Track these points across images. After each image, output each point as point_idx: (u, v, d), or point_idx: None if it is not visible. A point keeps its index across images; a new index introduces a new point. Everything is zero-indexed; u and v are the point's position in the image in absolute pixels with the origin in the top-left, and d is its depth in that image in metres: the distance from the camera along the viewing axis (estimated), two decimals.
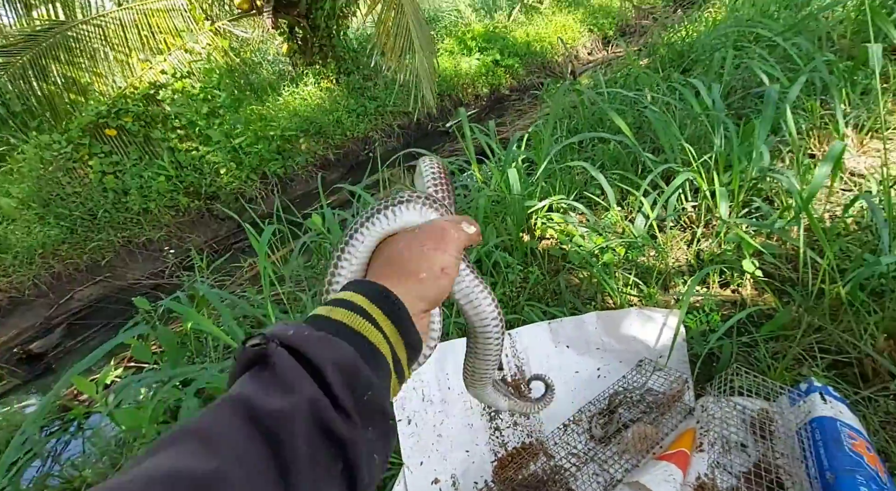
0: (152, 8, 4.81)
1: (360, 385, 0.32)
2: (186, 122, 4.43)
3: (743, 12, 4.42)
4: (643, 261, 1.65)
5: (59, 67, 4.20)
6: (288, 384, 0.30)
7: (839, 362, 1.13)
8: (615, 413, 1.14)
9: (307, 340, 0.32)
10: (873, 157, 1.93)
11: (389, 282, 0.41)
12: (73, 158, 4.04)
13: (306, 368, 0.31)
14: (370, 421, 0.33)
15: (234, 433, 0.27)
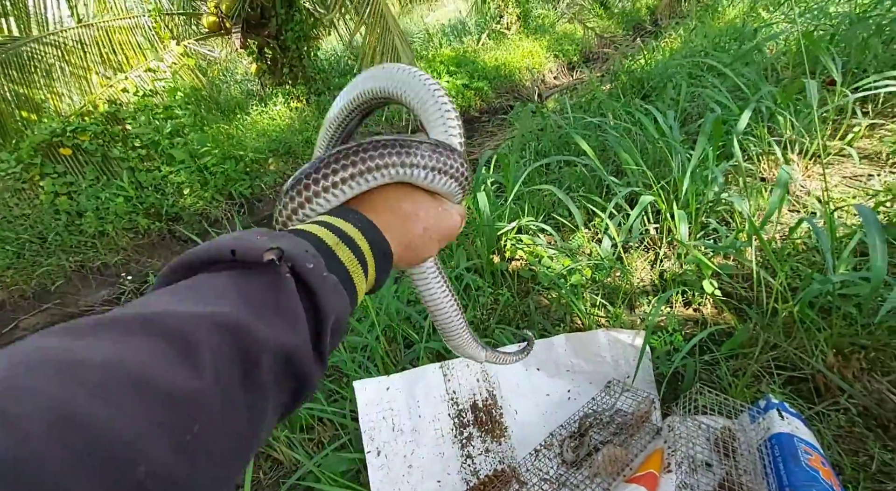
0: (114, 26, 4.70)
1: (339, 339, 0.33)
2: (148, 142, 4.30)
3: (696, 43, 4.72)
4: (609, 281, 1.69)
5: (10, 85, 4.02)
6: (285, 318, 0.28)
7: (794, 378, 1.18)
8: (586, 436, 1.15)
9: (323, 283, 0.30)
10: (817, 181, 2.07)
11: (384, 228, 0.39)
12: (23, 179, 3.83)
13: (307, 306, 0.30)
14: (337, 334, 0.33)
15: (217, 353, 0.23)
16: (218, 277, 0.28)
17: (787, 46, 3.20)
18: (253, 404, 0.25)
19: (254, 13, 5.31)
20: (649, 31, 8.90)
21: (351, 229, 0.36)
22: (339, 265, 0.34)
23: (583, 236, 1.89)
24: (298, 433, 1.30)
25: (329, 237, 0.35)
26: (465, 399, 1.24)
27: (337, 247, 0.34)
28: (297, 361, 0.28)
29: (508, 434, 1.20)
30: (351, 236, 0.36)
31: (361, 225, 0.37)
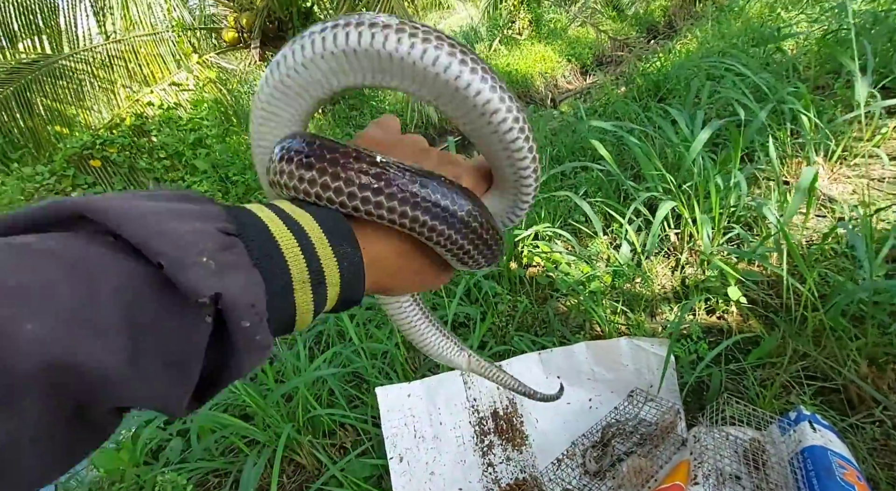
0: (140, 41, 4.87)
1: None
2: (173, 153, 4.43)
3: (714, 44, 4.65)
4: (629, 288, 1.67)
5: (45, 100, 4.19)
6: (170, 377, 0.21)
7: (826, 389, 1.15)
8: (609, 446, 1.13)
9: (249, 346, 0.23)
10: (844, 184, 2.01)
11: (374, 281, 0.32)
12: (56, 190, 3.98)
13: (212, 362, 0.23)
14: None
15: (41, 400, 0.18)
16: (100, 265, 0.20)
17: (809, 46, 3.14)
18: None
19: (272, 26, 5.44)
20: (664, 34, 8.81)
21: (307, 222, 0.28)
22: (283, 269, 0.26)
23: (601, 242, 1.88)
24: (321, 438, 1.32)
25: (277, 228, 0.26)
26: (486, 407, 1.24)
27: (301, 287, 0.26)
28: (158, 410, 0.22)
29: (530, 443, 1.20)
30: (306, 230, 0.27)
31: (348, 263, 0.29)
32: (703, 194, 1.77)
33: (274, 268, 0.25)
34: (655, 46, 7.37)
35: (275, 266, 0.25)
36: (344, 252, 0.28)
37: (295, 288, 0.26)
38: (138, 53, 4.83)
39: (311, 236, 0.27)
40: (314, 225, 0.28)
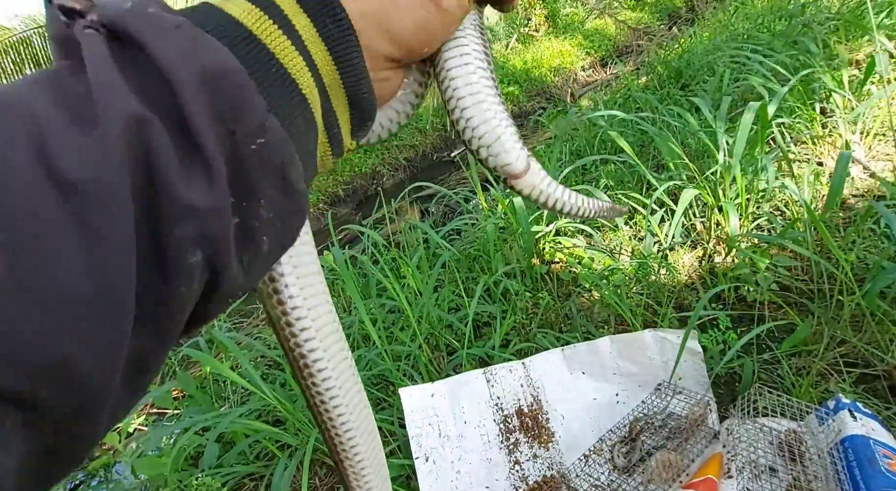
0: None
1: (246, 124, 0.18)
2: None
3: (738, 26, 4.49)
4: (655, 280, 1.63)
5: None
6: (96, 101, 0.16)
7: (867, 376, 1.09)
8: (637, 440, 1.11)
9: (150, 25, 0.17)
10: (883, 161, 1.91)
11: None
12: None
13: (140, 75, 0.17)
14: (257, 185, 0.19)
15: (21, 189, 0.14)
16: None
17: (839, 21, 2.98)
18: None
19: None
20: (685, 19, 8.56)
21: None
22: (218, 15, 0.20)
23: (623, 235, 1.84)
24: None
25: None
26: (510, 404, 1.24)
27: (225, 1, 0.21)
28: (139, 163, 0.16)
29: (556, 439, 1.19)
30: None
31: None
32: (728, 180, 1.71)
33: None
34: (677, 33, 7.17)
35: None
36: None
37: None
38: None
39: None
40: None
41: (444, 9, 0.26)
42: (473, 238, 2.12)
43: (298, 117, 0.21)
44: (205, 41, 0.18)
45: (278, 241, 0.22)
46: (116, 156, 0.15)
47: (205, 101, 0.17)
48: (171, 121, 0.17)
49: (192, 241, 0.17)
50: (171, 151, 0.16)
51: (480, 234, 2.04)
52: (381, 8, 0.24)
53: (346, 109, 0.25)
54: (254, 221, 0.19)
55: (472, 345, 1.50)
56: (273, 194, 0.20)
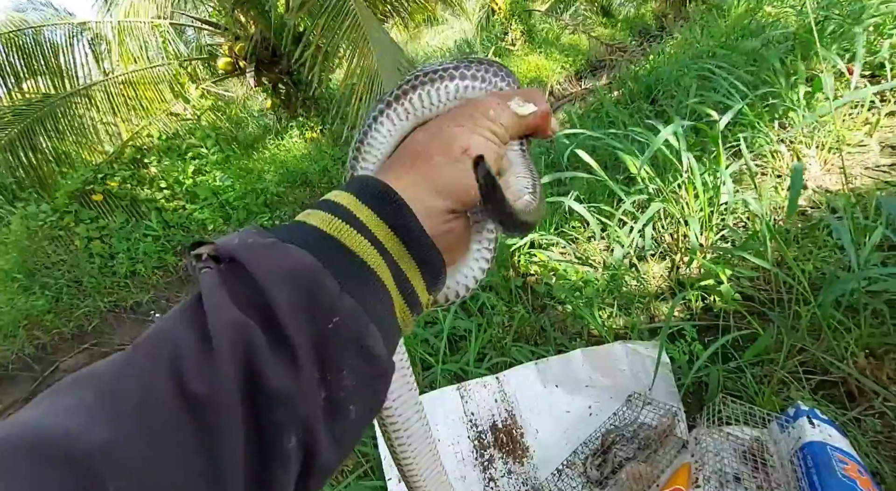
0: (138, 75, 4.99)
1: (321, 307, 0.22)
2: (173, 182, 4.50)
3: (703, 43, 4.68)
4: (626, 291, 1.66)
5: (48, 139, 4.30)
6: (208, 312, 0.21)
7: (825, 383, 1.13)
8: (609, 453, 1.12)
9: (248, 249, 0.23)
10: (837, 174, 2.01)
11: (393, 174, 0.30)
12: (59, 226, 4.06)
13: (242, 287, 0.22)
14: (338, 357, 0.23)
15: (142, 387, 0.19)
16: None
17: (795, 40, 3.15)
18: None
19: (266, 52, 5.56)
20: (655, 36, 8.88)
21: (330, 193, 0.29)
22: (302, 229, 0.26)
23: (595, 247, 1.88)
24: None
25: (301, 215, 0.28)
26: (485, 420, 1.23)
27: (308, 216, 0.27)
28: (241, 358, 0.21)
29: (530, 454, 1.19)
30: (325, 197, 0.28)
31: (344, 185, 0.29)
32: (692, 194, 1.77)
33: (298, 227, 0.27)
34: (647, 50, 7.43)
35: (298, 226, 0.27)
36: (355, 185, 0.29)
37: (304, 218, 0.27)
38: (136, 87, 4.96)
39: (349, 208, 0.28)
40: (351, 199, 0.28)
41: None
42: None
43: (370, 290, 0.25)
44: (286, 251, 0.23)
45: (366, 407, 0.25)
46: (224, 363, 0.20)
47: (288, 296, 0.22)
48: (265, 319, 0.22)
49: (285, 424, 0.21)
50: (264, 345, 0.21)
51: None
52: (423, 173, 0.30)
53: (417, 270, 0.28)
54: (339, 392, 0.23)
55: (448, 360, 1.49)
56: (354, 363, 0.23)
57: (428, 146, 0.31)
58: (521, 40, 9.41)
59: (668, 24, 8.95)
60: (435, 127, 0.32)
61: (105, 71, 4.93)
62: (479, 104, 0.32)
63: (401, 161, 0.32)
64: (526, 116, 0.32)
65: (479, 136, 0.31)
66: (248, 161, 5.56)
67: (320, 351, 0.22)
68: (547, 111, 0.33)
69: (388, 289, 0.26)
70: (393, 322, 0.27)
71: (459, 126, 0.31)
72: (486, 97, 0.33)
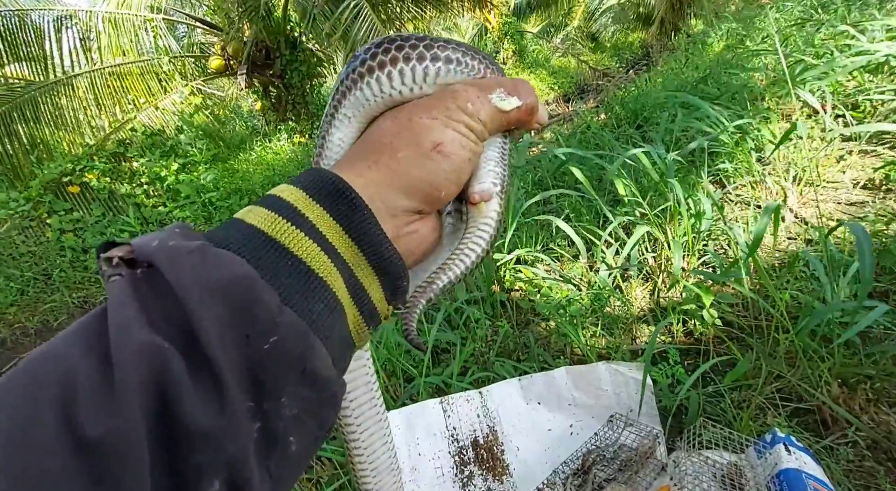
0: (126, 69, 4.90)
1: (257, 325, 0.19)
2: (155, 178, 4.40)
3: (687, 74, 4.86)
4: (609, 311, 1.68)
5: (27, 127, 4.16)
6: (112, 331, 0.18)
7: (801, 410, 1.16)
8: (589, 473, 1.12)
9: (169, 253, 0.19)
10: (812, 208, 2.09)
11: (352, 169, 0.26)
12: (31, 217, 3.91)
13: (159, 300, 0.19)
14: (275, 383, 0.19)
15: (17, 427, 0.16)
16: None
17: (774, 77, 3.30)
18: None
19: (259, 54, 5.53)
20: (642, 64, 9.18)
21: (276, 188, 0.25)
22: (240, 228, 0.23)
23: (581, 266, 1.90)
24: None
25: (242, 211, 0.24)
26: (466, 435, 1.22)
27: (248, 213, 0.23)
28: (154, 390, 0.17)
29: (510, 472, 1.18)
30: (270, 192, 0.25)
31: (294, 178, 0.26)
32: (676, 219, 1.81)
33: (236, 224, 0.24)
34: (634, 76, 7.66)
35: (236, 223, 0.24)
36: (306, 178, 0.25)
37: (242, 217, 0.24)
38: (123, 80, 4.86)
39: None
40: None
41: (449, 154, 0.27)
42: None
43: (318, 302, 0.22)
44: (216, 257, 0.20)
45: (309, 436, 0.22)
46: (129, 398, 0.16)
47: (215, 314, 0.18)
48: (185, 340, 0.18)
49: (208, 467, 0.17)
50: (182, 373, 0.17)
51: None
52: (389, 168, 0.26)
53: (375, 278, 0.25)
54: (277, 423, 0.20)
55: (430, 372, 1.48)
56: (296, 389, 0.20)
57: (395, 138, 0.27)
58: (512, 59, 9.61)
59: (654, 53, 9.28)
60: (405, 116, 0.28)
61: (92, 61, 4.82)
62: (456, 94, 0.28)
63: (362, 153, 0.28)
64: (508, 112, 0.29)
65: (454, 131, 0.27)
66: (234, 161, 5.48)
67: (254, 376, 0.19)
68: (533, 105, 0.30)
69: (340, 299, 0.23)
70: (345, 337, 0.24)
71: (432, 118, 0.27)
72: (466, 86, 0.29)
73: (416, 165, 0.26)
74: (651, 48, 10.07)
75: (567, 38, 11.41)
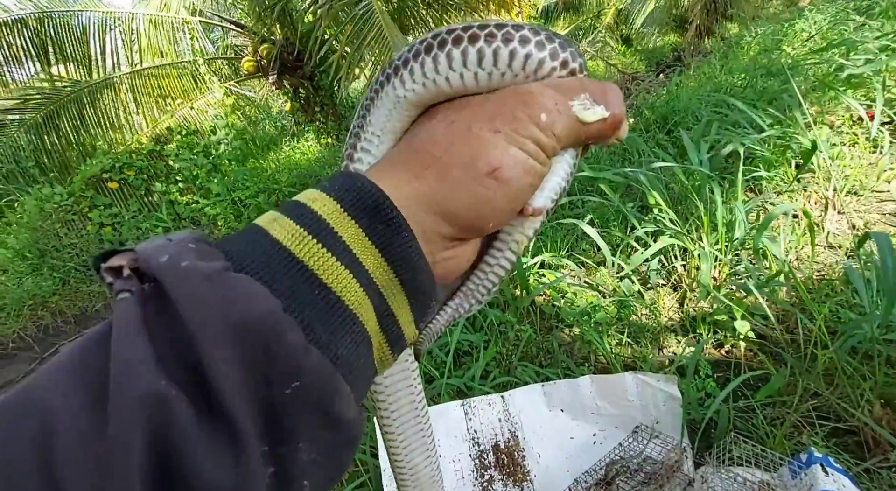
0: (164, 70, 5.09)
1: (279, 369, 0.17)
2: (189, 176, 4.55)
3: (721, 79, 4.73)
4: (635, 320, 1.65)
5: (72, 125, 4.37)
6: (112, 381, 0.15)
7: (839, 430, 1.11)
8: (612, 484, 1.10)
9: (182, 277, 0.17)
10: (856, 219, 2.00)
11: (392, 177, 0.22)
12: (74, 211, 4.10)
13: (167, 330, 0.16)
14: (294, 429, 0.17)
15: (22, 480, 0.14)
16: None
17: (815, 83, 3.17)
18: None
19: (290, 57, 5.66)
20: (673, 68, 8.98)
21: (307, 192, 0.22)
22: (263, 241, 0.20)
23: (606, 274, 1.87)
24: None
25: (265, 217, 0.21)
26: (487, 439, 1.21)
27: (272, 222, 0.20)
28: (159, 443, 0.15)
29: (531, 478, 1.16)
30: (299, 199, 0.21)
31: (329, 181, 0.22)
32: (709, 228, 1.76)
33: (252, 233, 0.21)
34: (665, 80, 7.49)
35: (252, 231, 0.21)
36: (340, 183, 0.22)
37: (265, 227, 0.20)
38: (161, 80, 5.05)
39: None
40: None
41: (507, 182, 0.22)
42: None
43: (346, 338, 0.19)
44: (236, 289, 0.17)
45: (325, 478, 0.20)
46: (125, 455, 0.14)
47: (232, 357, 0.16)
48: (196, 386, 0.16)
49: None
50: (191, 427, 0.15)
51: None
52: (433, 189, 0.22)
53: (406, 304, 0.22)
54: (293, 468, 0.18)
55: (452, 374, 1.48)
56: (314, 433, 0.18)
57: (447, 152, 0.22)
58: None
59: (686, 56, 9.05)
60: (462, 123, 0.23)
61: (132, 62, 5.02)
62: (529, 98, 0.23)
63: (405, 161, 0.24)
64: (591, 124, 0.24)
65: (519, 149, 0.22)
66: (263, 161, 5.62)
67: (272, 423, 0.17)
68: (621, 118, 0.25)
69: (369, 332, 0.21)
70: (368, 369, 0.22)
71: (495, 131, 0.22)
72: (543, 88, 0.23)
73: (464, 191, 0.22)
74: (683, 52, 9.84)
75: (595, 40, 11.25)
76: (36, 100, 4.28)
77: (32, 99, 4.27)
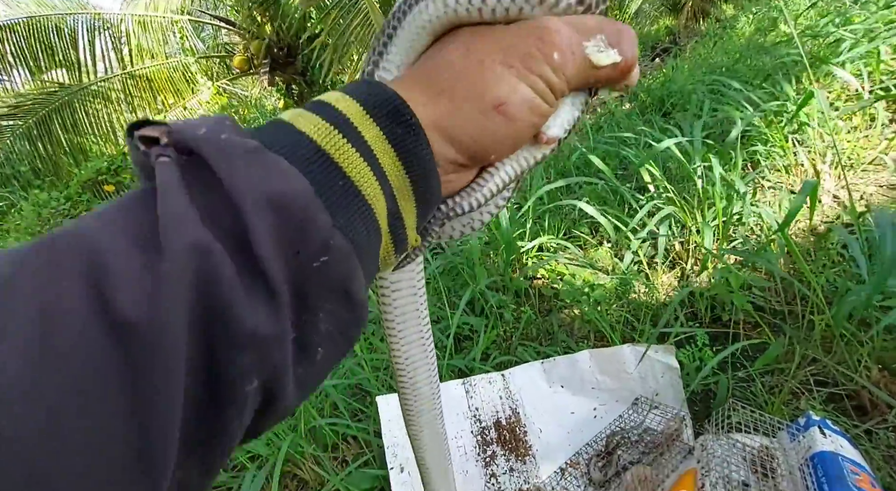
0: (154, 71, 5.07)
1: (310, 244, 0.18)
2: None
3: (717, 59, 4.70)
4: (634, 297, 1.65)
5: (64, 129, 4.36)
6: (162, 231, 0.16)
7: (837, 395, 1.11)
8: (613, 454, 1.11)
9: (223, 150, 0.18)
10: (853, 191, 2.00)
11: (410, 97, 0.23)
12: (71, 215, 4.10)
13: (210, 199, 0.17)
14: (318, 301, 0.19)
15: (41, 292, 0.14)
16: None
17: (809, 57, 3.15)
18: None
19: (280, 52, 5.63)
20: (668, 51, 8.91)
21: (330, 94, 0.23)
22: (289, 132, 0.21)
23: (606, 252, 1.87)
24: (325, 452, 1.31)
25: (289, 113, 0.22)
26: (488, 416, 1.22)
27: (297, 117, 0.21)
28: (202, 293, 0.16)
29: (533, 453, 1.17)
30: (323, 99, 0.22)
31: (349, 87, 0.23)
32: (706, 203, 1.76)
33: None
34: (660, 63, 7.44)
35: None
36: (363, 89, 0.23)
37: (291, 121, 0.21)
38: (152, 82, 5.03)
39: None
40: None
41: (512, 118, 0.23)
42: (458, 251, 2.12)
43: (362, 227, 0.21)
44: (274, 166, 0.18)
45: (336, 352, 0.21)
46: (175, 290, 0.15)
47: (270, 226, 0.17)
48: (237, 247, 0.17)
49: (250, 369, 0.17)
50: (234, 279, 0.16)
51: (464, 248, 2.05)
52: (444, 113, 0.23)
53: (413, 208, 0.24)
54: (312, 336, 0.19)
55: (453, 357, 1.48)
56: (333, 308, 0.20)
57: (458, 80, 0.23)
58: None
59: (681, 38, 8.98)
60: (476, 54, 0.24)
61: (123, 64, 5.00)
62: (545, 34, 0.23)
63: (423, 82, 0.24)
64: (603, 68, 0.24)
65: (528, 87, 0.23)
66: None
67: (300, 292, 0.18)
68: (632, 63, 0.25)
69: (381, 227, 0.22)
70: (375, 263, 0.23)
71: (507, 65, 0.23)
72: (560, 24, 0.23)
73: (471, 121, 0.23)
74: (678, 34, 9.75)
75: None
76: (27, 105, 4.27)
77: (23, 105, 4.26)
